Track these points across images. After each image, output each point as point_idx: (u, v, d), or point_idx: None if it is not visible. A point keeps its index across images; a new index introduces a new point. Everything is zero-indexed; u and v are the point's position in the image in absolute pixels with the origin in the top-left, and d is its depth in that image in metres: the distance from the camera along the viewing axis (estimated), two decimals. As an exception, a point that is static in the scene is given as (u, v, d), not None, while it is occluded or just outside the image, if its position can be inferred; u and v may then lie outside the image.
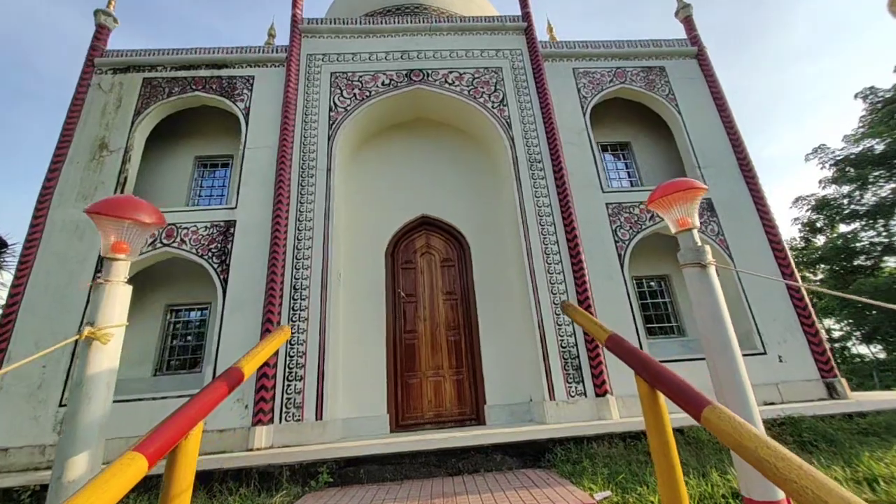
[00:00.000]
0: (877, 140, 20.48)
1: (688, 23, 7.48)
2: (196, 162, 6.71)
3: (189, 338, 5.91)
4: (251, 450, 4.39)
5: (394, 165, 6.76)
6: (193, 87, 6.31)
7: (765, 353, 5.24)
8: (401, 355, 5.83)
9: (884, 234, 19.42)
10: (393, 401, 5.54)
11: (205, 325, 5.93)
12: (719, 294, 2.12)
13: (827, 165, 20.92)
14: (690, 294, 2.21)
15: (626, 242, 5.71)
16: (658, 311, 6.33)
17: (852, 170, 20.19)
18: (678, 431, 3.56)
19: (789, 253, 5.75)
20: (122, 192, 5.67)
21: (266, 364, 4.74)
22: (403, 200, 6.50)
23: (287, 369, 4.85)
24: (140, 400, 4.76)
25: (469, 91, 6.52)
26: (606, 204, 5.92)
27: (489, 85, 6.61)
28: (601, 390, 4.85)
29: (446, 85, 6.54)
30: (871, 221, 19.53)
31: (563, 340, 5.12)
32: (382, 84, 6.49)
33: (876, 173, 19.67)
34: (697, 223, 2.27)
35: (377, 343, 5.73)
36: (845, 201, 20.31)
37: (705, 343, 2.13)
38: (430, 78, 6.57)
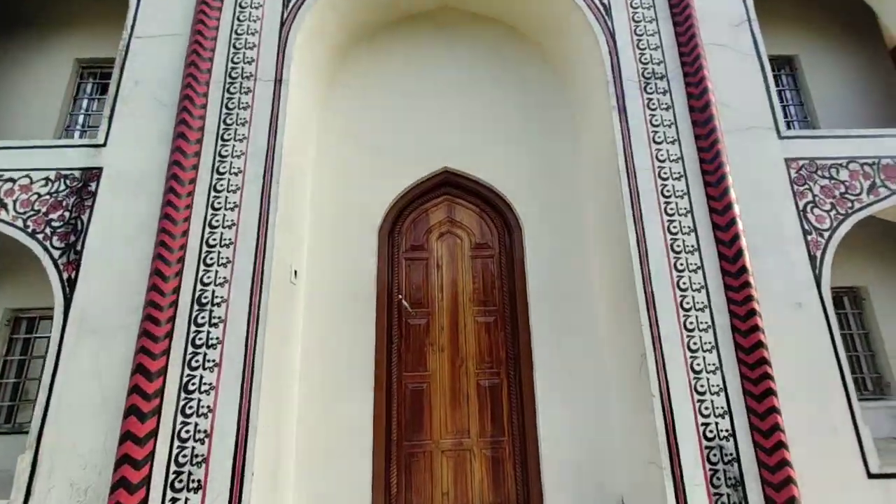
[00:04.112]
0: None
1: None
2: (78, 68, 4.12)
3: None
4: None
5: (401, 85, 4.06)
6: (50, -72, 3.61)
7: None
8: (399, 410, 3.44)
9: None
10: (383, 492, 3.21)
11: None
12: None
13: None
14: None
15: (827, 234, 3.03)
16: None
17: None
18: None
19: None
20: (-90, 110, 3.18)
21: (128, 460, 2.39)
22: (414, 144, 3.87)
23: (173, 467, 2.49)
24: None
25: (534, -50, 3.67)
26: (787, 161, 3.18)
27: (569, -59, 3.72)
28: (792, 537, 2.40)
29: (493, -61, 3.69)
30: None
31: (708, 425, 2.62)
32: (382, -65, 3.68)
33: None
34: None
35: (359, 390, 3.33)
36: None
37: None
38: (465, -75, 3.72)
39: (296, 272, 3.30)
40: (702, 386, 2.66)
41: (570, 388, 3.34)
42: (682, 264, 2.89)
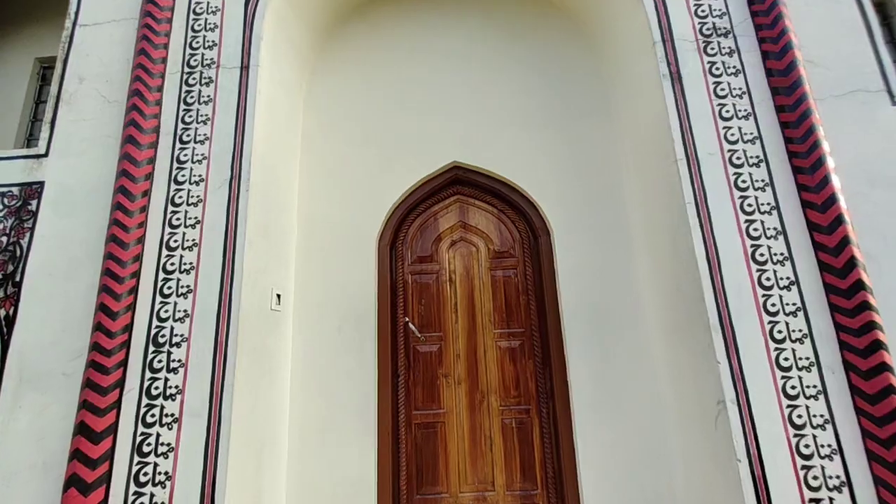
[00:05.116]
0: None
1: None
2: (39, 69, 3.68)
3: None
4: None
5: (400, 67, 3.43)
6: None
7: None
8: (408, 457, 2.87)
9: None
10: (390, 561, 2.66)
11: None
12: None
13: None
14: None
15: (972, 233, 2.24)
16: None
17: None
18: None
19: None
20: None
21: (59, 550, 1.92)
22: (417, 136, 3.26)
23: (120, 554, 2.00)
24: None
25: None
26: (907, 134, 2.40)
27: None
28: None
29: None
30: None
31: (820, 502, 1.92)
32: None
33: None
34: None
35: (359, 434, 2.79)
36: None
37: None
38: None
39: (279, 296, 2.75)
40: (807, 446, 1.96)
41: (618, 431, 2.68)
42: (768, 279, 2.17)
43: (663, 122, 2.49)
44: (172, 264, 2.37)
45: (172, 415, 2.17)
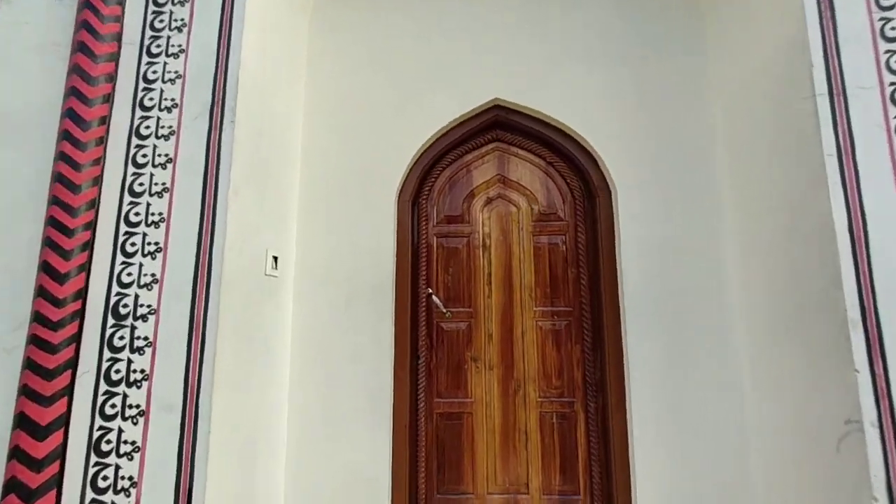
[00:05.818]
0: None
1: None
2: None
3: None
4: None
5: (429, -21, 2.73)
6: None
7: None
8: (428, 452, 2.44)
9: None
10: (405, 571, 2.28)
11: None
12: None
13: None
14: None
15: None
16: None
17: None
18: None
19: None
20: None
21: (-7, 573, 1.51)
22: (449, 67, 2.61)
23: (72, 576, 1.60)
24: None
25: None
26: None
27: None
28: None
29: None
30: None
31: (985, 562, 1.43)
32: None
33: None
34: None
35: (372, 425, 2.34)
36: None
37: None
38: None
39: (275, 259, 2.23)
40: (981, 493, 1.45)
41: (688, 437, 2.20)
42: (938, 262, 1.59)
43: (796, 44, 1.83)
44: (137, 214, 1.84)
45: (138, 406, 1.71)
